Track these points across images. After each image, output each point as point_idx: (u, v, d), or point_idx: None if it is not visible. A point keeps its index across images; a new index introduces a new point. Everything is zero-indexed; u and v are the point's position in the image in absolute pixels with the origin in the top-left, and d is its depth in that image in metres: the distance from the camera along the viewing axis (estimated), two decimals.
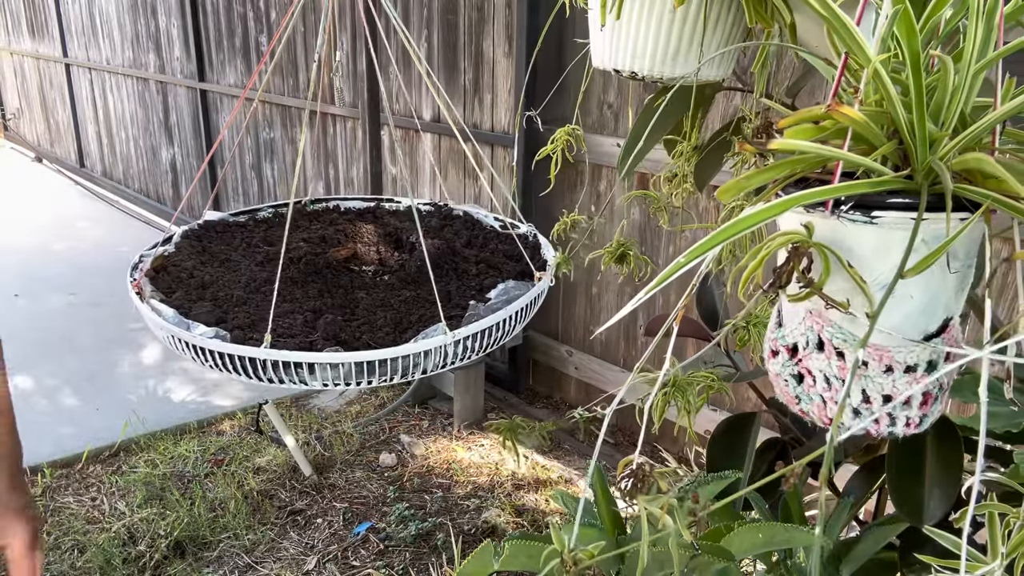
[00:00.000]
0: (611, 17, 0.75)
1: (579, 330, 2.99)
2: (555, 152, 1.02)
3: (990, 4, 0.41)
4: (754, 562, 0.87)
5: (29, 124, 8.07)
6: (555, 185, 1.22)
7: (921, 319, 0.46)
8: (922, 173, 0.42)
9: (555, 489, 2.43)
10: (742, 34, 0.79)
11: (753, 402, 2.29)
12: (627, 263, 1.02)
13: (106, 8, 5.76)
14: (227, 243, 2.10)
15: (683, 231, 2.35)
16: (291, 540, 2.37)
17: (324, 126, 3.95)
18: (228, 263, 1.97)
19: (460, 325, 1.51)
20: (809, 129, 0.43)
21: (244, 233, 2.17)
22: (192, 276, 1.85)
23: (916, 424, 0.48)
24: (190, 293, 1.76)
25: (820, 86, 1.68)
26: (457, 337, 1.46)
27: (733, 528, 0.61)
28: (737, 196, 0.43)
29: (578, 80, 2.52)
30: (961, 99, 0.42)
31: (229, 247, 2.08)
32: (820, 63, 0.56)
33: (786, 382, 0.51)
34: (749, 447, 0.81)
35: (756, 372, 0.91)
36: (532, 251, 1.94)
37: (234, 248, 2.07)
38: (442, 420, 3.03)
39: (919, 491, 0.65)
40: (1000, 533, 0.49)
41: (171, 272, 1.85)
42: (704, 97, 0.89)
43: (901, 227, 0.43)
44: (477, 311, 1.58)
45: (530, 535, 0.60)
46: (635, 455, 0.44)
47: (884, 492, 0.83)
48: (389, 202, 2.42)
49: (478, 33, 2.99)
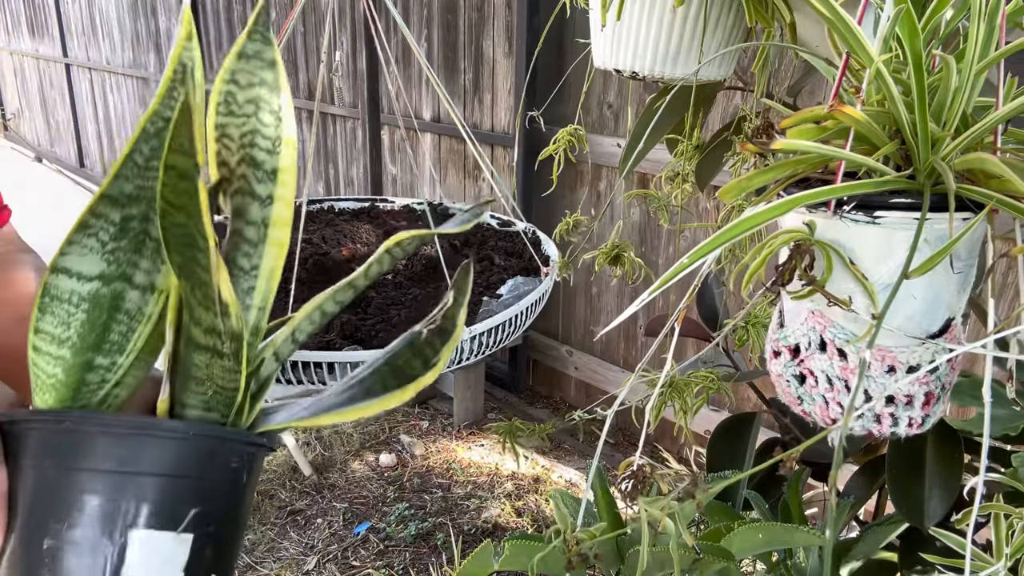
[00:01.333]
0: (612, 17, 0.75)
1: (579, 330, 2.99)
2: (557, 152, 1.02)
3: (992, 5, 0.41)
4: (754, 562, 0.87)
5: (29, 124, 8.07)
6: (556, 185, 1.23)
7: (924, 319, 0.46)
8: (924, 173, 0.42)
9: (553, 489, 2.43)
10: (742, 34, 0.79)
11: (753, 402, 2.29)
12: (621, 265, 1.02)
13: (106, 8, 5.76)
14: None
15: (683, 231, 2.35)
16: (291, 540, 2.37)
17: (324, 126, 3.95)
18: None
19: (476, 321, 1.51)
20: (811, 129, 0.43)
21: None
22: None
23: (919, 424, 0.48)
24: None
25: (820, 86, 1.67)
26: (474, 333, 1.47)
27: (733, 528, 0.61)
28: (738, 196, 0.43)
29: (578, 80, 2.52)
30: (963, 99, 0.42)
31: None
32: (821, 63, 0.56)
33: (788, 383, 0.51)
34: (749, 447, 0.81)
35: (756, 372, 0.91)
36: (533, 248, 1.95)
37: None
38: (442, 420, 3.03)
39: (919, 491, 0.65)
40: (1004, 534, 0.50)
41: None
42: (705, 97, 0.89)
43: (903, 227, 0.43)
44: (491, 307, 1.58)
45: (530, 535, 0.60)
46: (636, 456, 0.44)
47: (884, 492, 0.83)
48: (384, 202, 2.42)
49: (478, 33, 2.99)
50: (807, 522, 0.77)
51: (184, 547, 0.38)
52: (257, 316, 0.41)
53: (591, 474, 0.56)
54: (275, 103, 0.40)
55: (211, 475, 0.39)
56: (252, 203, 0.40)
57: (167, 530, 0.38)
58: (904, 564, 0.72)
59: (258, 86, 0.40)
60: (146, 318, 0.41)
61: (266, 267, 0.40)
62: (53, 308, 0.39)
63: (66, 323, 0.39)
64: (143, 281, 0.40)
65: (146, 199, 0.39)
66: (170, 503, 0.38)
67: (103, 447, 0.38)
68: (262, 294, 0.41)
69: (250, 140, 0.40)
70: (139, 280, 0.40)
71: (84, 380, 0.40)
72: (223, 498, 0.40)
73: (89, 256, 0.39)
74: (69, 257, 0.39)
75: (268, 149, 0.40)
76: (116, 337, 0.40)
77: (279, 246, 0.40)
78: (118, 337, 0.40)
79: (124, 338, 0.40)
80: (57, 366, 0.39)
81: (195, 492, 0.39)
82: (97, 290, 0.39)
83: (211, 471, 0.39)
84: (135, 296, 0.40)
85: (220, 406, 0.40)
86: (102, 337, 0.40)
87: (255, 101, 0.40)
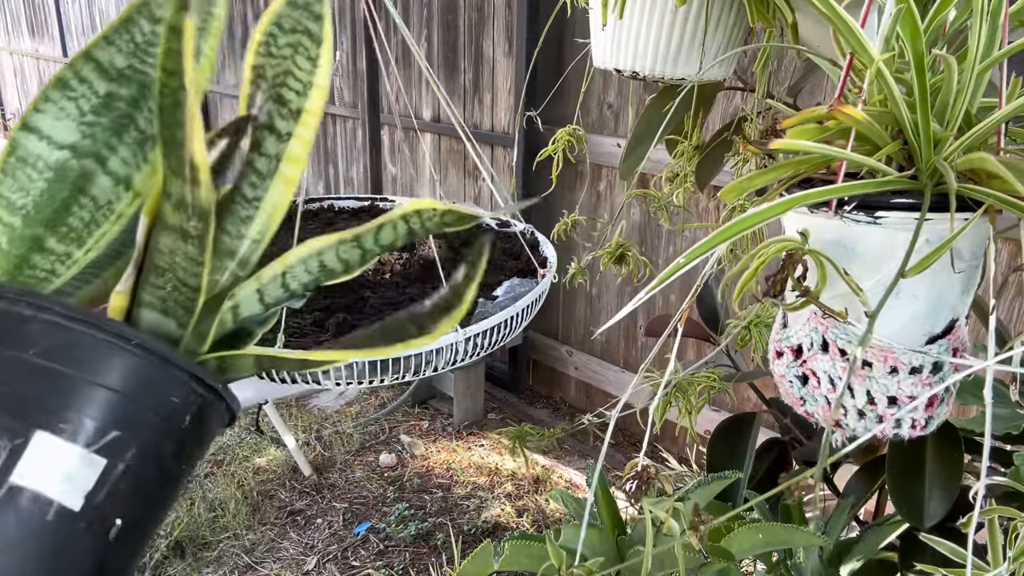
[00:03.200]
0: (613, 17, 0.75)
1: (579, 330, 2.99)
2: (556, 152, 1.02)
3: (994, 4, 0.41)
4: (754, 562, 0.87)
5: None
6: (555, 186, 1.22)
7: (927, 320, 0.45)
8: (926, 173, 0.42)
9: (555, 489, 2.43)
10: (743, 33, 0.79)
11: (753, 402, 2.28)
12: (626, 263, 1.02)
13: (106, 8, 5.76)
14: None
15: (684, 231, 2.35)
16: (291, 540, 2.37)
17: (324, 126, 3.95)
18: None
19: (471, 322, 1.51)
20: (813, 129, 0.42)
21: None
22: None
23: (922, 426, 0.48)
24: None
25: (821, 85, 1.67)
26: (468, 334, 1.47)
27: (733, 528, 0.61)
28: (740, 196, 0.43)
29: (578, 80, 2.52)
30: (965, 99, 0.42)
31: None
32: (825, 63, 0.56)
33: (791, 383, 0.51)
34: (749, 447, 0.81)
35: (757, 372, 0.91)
36: (531, 249, 1.94)
37: None
38: (442, 420, 3.03)
39: (919, 492, 0.65)
40: (1000, 539, 0.49)
41: None
42: (705, 96, 0.89)
43: (905, 227, 0.42)
44: (486, 309, 1.58)
45: (530, 535, 0.60)
46: (640, 458, 0.44)
47: (884, 492, 0.83)
48: (384, 201, 2.42)
49: (478, 33, 2.99)
50: (807, 522, 0.77)
51: (92, 470, 0.33)
52: (249, 248, 0.38)
53: (595, 476, 0.56)
54: (314, 51, 0.38)
55: (144, 400, 0.34)
56: (269, 137, 0.38)
57: (76, 443, 0.33)
58: (904, 564, 0.72)
59: (301, 33, 0.38)
60: (115, 215, 0.37)
61: (269, 201, 0.38)
62: (15, 171, 0.35)
63: (24, 189, 0.35)
64: (118, 170, 0.37)
65: (138, 83, 0.36)
66: (90, 415, 0.33)
67: (32, 331, 0.33)
68: (259, 226, 0.38)
69: (281, 80, 0.38)
70: (113, 166, 0.37)
71: (30, 260, 0.36)
72: (152, 434, 0.35)
73: (64, 122, 0.35)
74: (43, 117, 0.35)
75: (297, 91, 0.38)
76: (76, 223, 0.36)
77: (287, 183, 0.38)
78: (78, 223, 0.36)
79: (86, 228, 0.37)
80: (3, 234, 0.35)
81: (122, 413, 0.33)
82: (65, 161, 0.36)
83: (145, 396, 0.34)
84: (106, 183, 0.37)
85: (178, 309, 0.36)
86: (59, 217, 0.36)
87: (295, 46, 0.38)
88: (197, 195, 0.33)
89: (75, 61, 0.35)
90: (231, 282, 0.38)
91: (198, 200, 0.33)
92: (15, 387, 0.33)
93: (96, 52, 0.36)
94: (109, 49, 0.36)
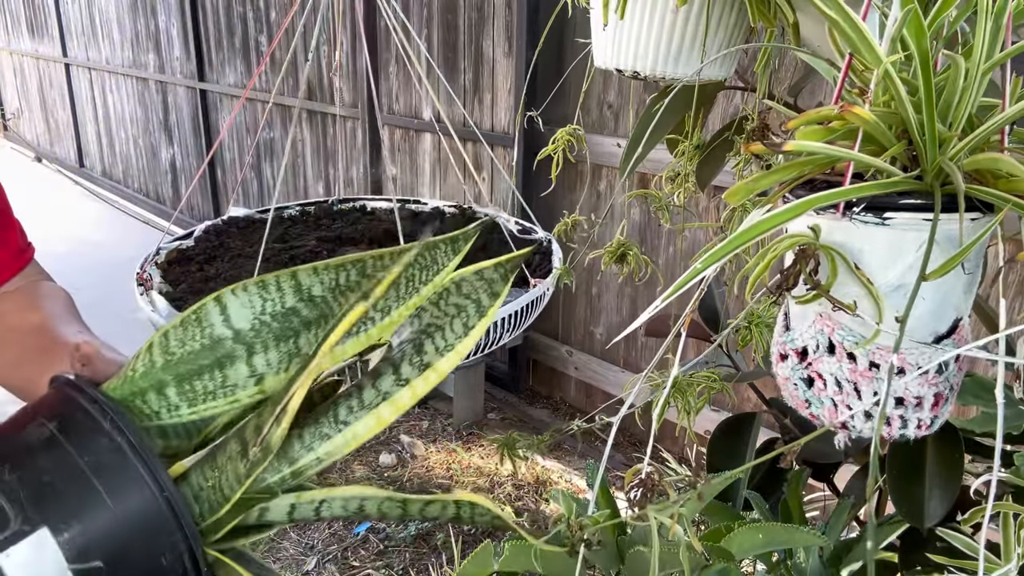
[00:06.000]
0: (614, 17, 0.75)
1: (579, 330, 2.99)
2: (556, 152, 1.02)
3: (999, 4, 0.41)
4: (754, 562, 0.87)
5: (29, 124, 8.07)
6: (555, 185, 1.22)
7: (932, 320, 0.45)
8: (932, 174, 0.42)
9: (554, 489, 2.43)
10: (744, 33, 0.79)
11: (753, 402, 2.28)
12: (627, 263, 1.02)
13: (106, 8, 5.76)
14: (245, 239, 2.11)
15: (683, 231, 2.35)
16: (291, 540, 2.37)
17: (324, 126, 3.95)
18: (238, 259, 1.98)
19: None
20: (818, 130, 0.42)
21: (262, 231, 2.18)
22: (201, 270, 1.86)
23: (927, 426, 0.48)
24: (194, 286, 1.77)
25: (821, 86, 1.67)
26: None
27: (733, 528, 0.61)
28: (745, 198, 0.43)
29: (578, 80, 2.52)
30: (970, 99, 0.42)
31: (246, 243, 2.08)
32: (822, 64, 0.56)
33: (795, 386, 0.51)
34: (749, 447, 0.81)
35: (757, 372, 0.90)
36: (543, 256, 1.95)
37: (251, 244, 2.07)
38: (442, 420, 3.03)
39: (919, 491, 0.65)
40: (1013, 534, 0.49)
41: (182, 265, 1.87)
42: (706, 96, 0.89)
43: (913, 228, 0.42)
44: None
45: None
46: (643, 464, 0.44)
47: (884, 492, 0.83)
48: (416, 203, 2.43)
49: (478, 33, 2.99)
50: (807, 522, 0.77)
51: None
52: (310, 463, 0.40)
53: (596, 483, 0.56)
54: (473, 321, 0.41)
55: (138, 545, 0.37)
56: (390, 375, 0.40)
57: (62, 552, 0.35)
58: (904, 564, 0.72)
59: (472, 302, 0.41)
60: (233, 398, 0.41)
61: (353, 430, 0.40)
62: (188, 326, 0.39)
63: (183, 341, 0.39)
64: (258, 366, 0.41)
65: (320, 314, 0.40)
66: (89, 534, 0.36)
67: (97, 443, 0.37)
68: (330, 448, 0.40)
69: (431, 332, 0.41)
70: (257, 362, 0.41)
71: (145, 395, 0.40)
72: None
73: (245, 311, 0.40)
74: (235, 299, 0.39)
75: (438, 347, 0.41)
76: (199, 388, 0.40)
77: (379, 422, 0.40)
78: (200, 389, 0.40)
79: (203, 396, 0.40)
80: (142, 365, 0.40)
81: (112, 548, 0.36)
82: (224, 339, 0.40)
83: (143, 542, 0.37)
84: (243, 371, 0.41)
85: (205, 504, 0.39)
86: (190, 377, 0.40)
87: (461, 309, 0.41)
88: (272, 432, 0.37)
89: (283, 274, 0.40)
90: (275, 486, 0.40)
91: (270, 436, 0.37)
92: (54, 481, 0.36)
93: (301, 275, 0.40)
94: (313, 278, 0.40)
